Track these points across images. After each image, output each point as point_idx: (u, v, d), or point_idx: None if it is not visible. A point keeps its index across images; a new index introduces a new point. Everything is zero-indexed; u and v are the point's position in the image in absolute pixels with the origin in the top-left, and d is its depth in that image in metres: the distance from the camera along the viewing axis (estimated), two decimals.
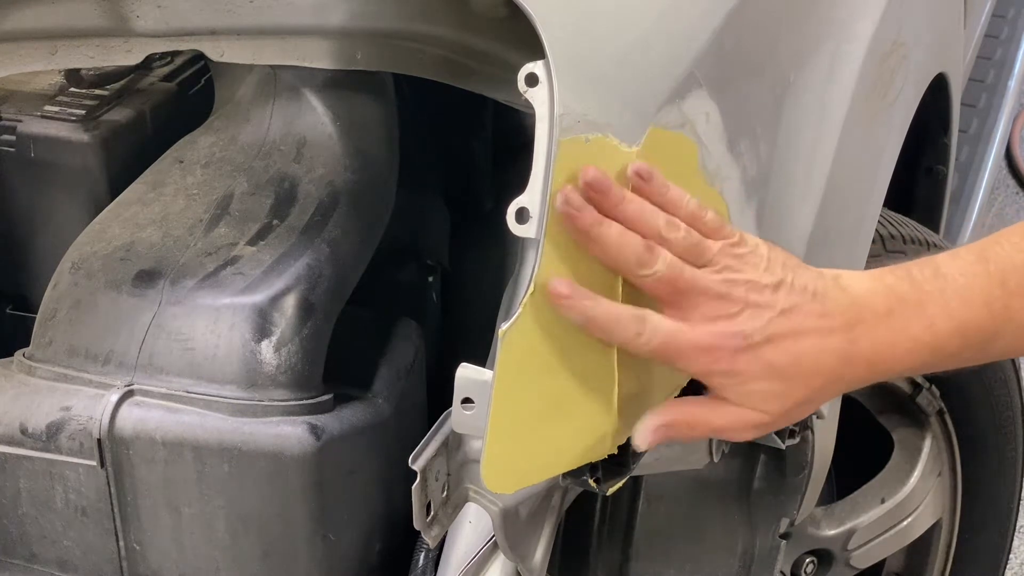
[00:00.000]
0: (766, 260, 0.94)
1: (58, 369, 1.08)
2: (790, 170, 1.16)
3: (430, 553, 1.10)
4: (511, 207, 0.90)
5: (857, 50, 1.25)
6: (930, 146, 1.84)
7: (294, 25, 1.11)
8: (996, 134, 2.70)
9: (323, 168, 1.15)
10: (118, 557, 1.08)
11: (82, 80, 1.26)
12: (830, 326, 0.94)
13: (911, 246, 1.50)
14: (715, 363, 0.93)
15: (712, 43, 1.01)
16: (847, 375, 0.96)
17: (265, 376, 1.04)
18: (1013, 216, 3.14)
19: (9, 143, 1.24)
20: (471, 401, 0.93)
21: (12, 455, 1.06)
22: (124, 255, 1.10)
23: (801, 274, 0.95)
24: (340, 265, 1.10)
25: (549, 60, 0.90)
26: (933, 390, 1.60)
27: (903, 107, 1.43)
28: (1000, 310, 0.95)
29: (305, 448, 1.03)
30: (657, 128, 0.96)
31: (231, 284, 1.06)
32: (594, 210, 0.90)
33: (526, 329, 0.92)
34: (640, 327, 0.92)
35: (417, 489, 0.95)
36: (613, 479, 1.02)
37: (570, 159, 0.91)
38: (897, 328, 0.95)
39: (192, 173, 1.17)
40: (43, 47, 1.16)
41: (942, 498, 1.70)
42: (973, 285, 0.95)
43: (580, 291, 0.91)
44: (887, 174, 1.39)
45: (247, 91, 1.19)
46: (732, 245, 0.94)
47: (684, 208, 0.94)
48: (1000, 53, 2.93)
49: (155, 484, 1.04)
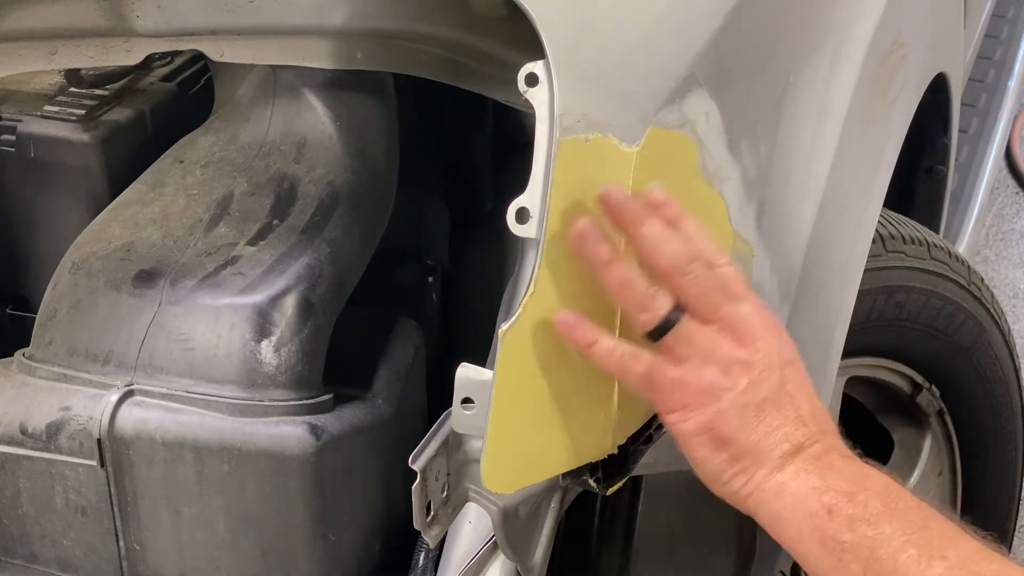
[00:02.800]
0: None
1: (58, 369, 1.08)
2: (790, 170, 1.15)
3: (430, 553, 1.10)
4: (511, 207, 0.90)
5: (857, 50, 1.25)
6: (930, 146, 1.84)
7: (294, 25, 1.11)
8: (996, 134, 2.69)
9: (323, 168, 1.15)
10: (118, 557, 1.08)
11: (82, 80, 1.26)
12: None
13: (911, 246, 1.50)
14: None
15: (712, 43, 1.01)
16: None
17: (265, 376, 1.04)
18: (1013, 216, 3.14)
19: (9, 143, 1.24)
20: (471, 401, 0.93)
21: (12, 455, 1.06)
22: (124, 255, 1.10)
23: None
24: (340, 265, 1.10)
25: (549, 60, 0.90)
26: (933, 390, 1.60)
27: (903, 107, 1.43)
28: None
29: (305, 448, 1.03)
30: (657, 128, 0.96)
31: (231, 284, 1.06)
32: (609, 248, 0.92)
33: (526, 329, 0.92)
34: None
35: (417, 489, 0.95)
36: (613, 479, 1.02)
37: (570, 159, 0.91)
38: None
39: (192, 173, 1.17)
40: (43, 47, 1.16)
41: (942, 498, 1.70)
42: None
43: (584, 323, 0.93)
44: (887, 174, 1.39)
45: (247, 91, 1.19)
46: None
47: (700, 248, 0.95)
48: (1000, 53, 2.93)
49: (155, 484, 1.04)
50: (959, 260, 1.58)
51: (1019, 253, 3.04)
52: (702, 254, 0.94)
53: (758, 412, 0.94)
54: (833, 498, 0.93)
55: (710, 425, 0.94)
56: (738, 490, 0.95)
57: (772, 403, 0.94)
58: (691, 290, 0.93)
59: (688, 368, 0.94)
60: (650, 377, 0.94)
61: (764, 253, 1.12)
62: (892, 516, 0.92)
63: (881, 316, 1.47)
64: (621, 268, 0.92)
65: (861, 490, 0.93)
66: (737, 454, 0.94)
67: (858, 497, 0.92)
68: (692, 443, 0.95)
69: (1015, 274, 2.97)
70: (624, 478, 1.02)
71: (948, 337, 1.57)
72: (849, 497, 0.93)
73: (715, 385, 0.94)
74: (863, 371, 1.54)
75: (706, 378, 0.94)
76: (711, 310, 0.94)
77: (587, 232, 0.91)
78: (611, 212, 0.92)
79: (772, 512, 0.94)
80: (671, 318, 0.93)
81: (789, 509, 0.94)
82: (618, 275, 0.92)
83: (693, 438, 0.95)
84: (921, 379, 1.59)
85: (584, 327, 0.93)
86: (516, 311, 0.91)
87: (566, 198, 0.91)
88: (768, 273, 1.13)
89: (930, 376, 1.59)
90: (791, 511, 0.94)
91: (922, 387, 1.59)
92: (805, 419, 0.95)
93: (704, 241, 0.94)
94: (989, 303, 1.62)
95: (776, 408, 0.95)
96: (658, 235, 0.93)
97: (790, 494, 0.94)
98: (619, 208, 0.92)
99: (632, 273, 0.93)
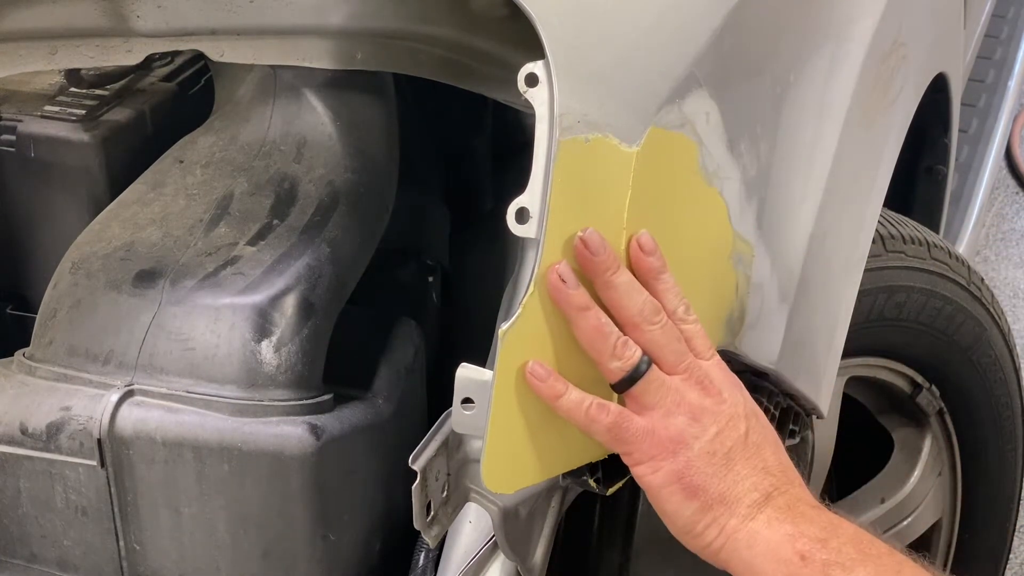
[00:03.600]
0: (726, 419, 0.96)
1: (58, 369, 1.08)
2: (790, 170, 1.16)
3: (430, 553, 1.10)
4: (511, 207, 0.90)
5: (857, 50, 1.25)
6: (930, 146, 1.84)
7: (294, 25, 1.11)
8: (996, 134, 2.70)
9: (323, 168, 1.15)
10: (118, 557, 1.08)
11: (82, 80, 1.26)
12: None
13: (911, 246, 1.50)
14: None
15: (712, 43, 1.01)
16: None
17: (265, 376, 1.04)
18: (1013, 216, 3.14)
19: (9, 143, 1.24)
20: (471, 401, 0.93)
21: (12, 455, 1.06)
22: (124, 255, 1.10)
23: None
24: (340, 265, 1.10)
25: (549, 60, 0.90)
26: (933, 390, 1.60)
27: (903, 107, 1.43)
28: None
29: (305, 448, 1.03)
30: (657, 128, 0.96)
31: (231, 284, 1.06)
32: (585, 294, 0.92)
33: (526, 329, 0.92)
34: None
35: (417, 489, 0.95)
36: (613, 479, 1.02)
37: (570, 159, 0.91)
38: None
39: (192, 173, 1.17)
40: (43, 47, 1.16)
41: (942, 498, 1.70)
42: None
43: (553, 375, 0.93)
44: (887, 174, 1.39)
45: (247, 91, 1.19)
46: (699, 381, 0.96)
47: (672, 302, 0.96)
48: (1000, 53, 2.93)
49: (155, 484, 1.04)
50: (959, 260, 1.58)
51: (1019, 253, 3.04)
52: (672, 309, 0.95)
53: (727, 461, 0.95)
54: (806, 544, 0.93)
55: (680, 474, 0.94)
56: (711, 542, 0.96)
57: (740, 452, 0.95)
58: (659, 340, 0.94)
59: (656, 417, 0.94)
60: (618, 427, 0.94)
61: (764, 253, 1.12)
62: (866, 560, 0.92)
63: (881, 316, 1.47)
64: (595, 315, 0.93)
65: (834, 536, 0.93)
66: (708, 503, 0.95)
67: (831, 543, 0.93)
68: (663, 495, 0.95)
69: (1015, 274, 2.97)
70: (624, 478, 1.02)
71: (948, 337, 1.57)
72: (822, 543, 0.93)
73: (684, 433, 0.94)
74: (863, 371, 1.54)
75: (675, 426, 0.94)
76: (677, 360, 0.95)
77: (563, 278, 0.91)
78: (584, 259, 0.92)
79: (745, 562, 0.95)
80: (640, 367, 0.94)
81: (762, 557, 0.94)
82: (593, 321, 0.93)
83: (664, 489, 0.95)
84: (921, 379, 1.59)
85: (552, 379, 0.93)
86: (516, 311, 0.91)
87: (566, 198, 0.91)
88: (768, 273, 1.13)
89: (930, 376, 1.59)
90: (764, 559, 0.94)
91: (922, 387, 1.59)
92: (772, 470, 0.96)
93: (675, 297, 0.96)
94: (989, 303, 1.62)
95: (744, 458, 0.95)
96: (628, 284, 0.93)
97: (763, 542, 0.94)
98: (594, 254, 0.92)
99: (604, 320, 0.93)
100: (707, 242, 1.06)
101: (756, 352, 1.14)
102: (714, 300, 1.07)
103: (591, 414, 0.94)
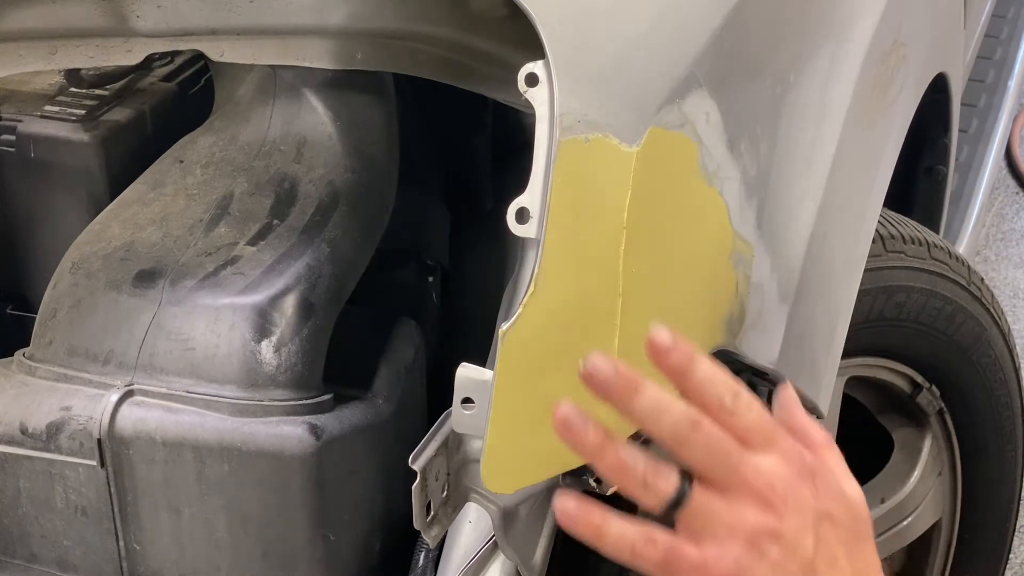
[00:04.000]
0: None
1: (58, 369, 1.08)
2: (790, 170, 1.15)
3: (430, 553, 1.10)
4: (511, 207, 0.90)
5: (857, 50, 1.25)
6: (930, 146, 1.84)
7: (294, 25, 1.11)
8: (996, 134, 2.69)
9: (323, 168, 1.15)
10: (118, 557, 1.08)
11: (82, 80, 1.26)
12: None
13: (911, 246, 1.50)
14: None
15: (712, 43, 1.01)
16: None
17: (265, 376, 1.04)
18: (1013, 216, 3.14)
19: (9, 143, 1.24)
20: (471, 401, 0.93)
21: (12, 455, 1.06)
22: (124, 255, 1.10)
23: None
24: (340, 265, 1.10)
25: (549, 60, 0.90)
26: (933, 390, 1.60)
27: (903, 107, 1.43)
28: None
29: (305, 448, 1.03)
30: (657, 128, 0.96)
31: (231, 284, 1.06)
32: (599, 429, 0.80)
33: (526, 329, 0.92)
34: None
35: (417, 489, 0.95)
36: None
37: (570, 159, 0.91)
38: None
39: (192, 173, 1.17)
40: (43, 47, 1.16)
41: (942, 498, 1.70)
42: None
43: (589, 508, 0.82)
44: (887, 174, 1.39)
45: (247, 91, 1.19)
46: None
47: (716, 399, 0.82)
48: (1000, 53, 2.92)
49: (155, 484, 1.04)
50: (959, 260, 1.58)
51: (1019, 253, 3.04)
52: (716, 405, 0.81)
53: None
54: None
55: None
56: None
57: (808, 572, 0.83)
58: (700, 456, 0.81)
59: (708, 547, 0.82)
60: (668, 564, 0.82)
61: (764, 253, 1.12)
62: None
63: (881, 316, 1.47)
64: (614, 451, 0.80)
65: None
66: None
67: None
68: None
69: (1015, 274, 2.97)
70: None
71: (948, 337, 1.57)
72: None
73: (739, 564, 0.81)
74: (863, 371, 1.54)
75: (729, 557, 0.81)
76: (728, 474, 0.82)
77: (570, 419, 0.79)
78: (597, 390, 0.80)
79: None
80: (681, 493, 0.81)
81: None
82: (612, 460, 0.80)
83: None
84: (921, 379, 1.59)
85: (588, 512, 0.81)
86: (516, 311, 0.91)
87: (566, 198, 0.91)
88: (768, 273, 1.13)
89: (930, 376, 1.59)
90: None
91: (922, 387, 1.59)
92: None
93: (716, 387, 0.81)
94: (989, 303, 1.62)
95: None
96: (652, 404, 0.80)
97: None
98: (605, 386, 0.79)
99: (626, 452, 0.80)
100: (707, 242, 1.06)
101: (756, 352, 1.14)
102: (714, 300, 1.07)
103: (638, 550, 0.82)
